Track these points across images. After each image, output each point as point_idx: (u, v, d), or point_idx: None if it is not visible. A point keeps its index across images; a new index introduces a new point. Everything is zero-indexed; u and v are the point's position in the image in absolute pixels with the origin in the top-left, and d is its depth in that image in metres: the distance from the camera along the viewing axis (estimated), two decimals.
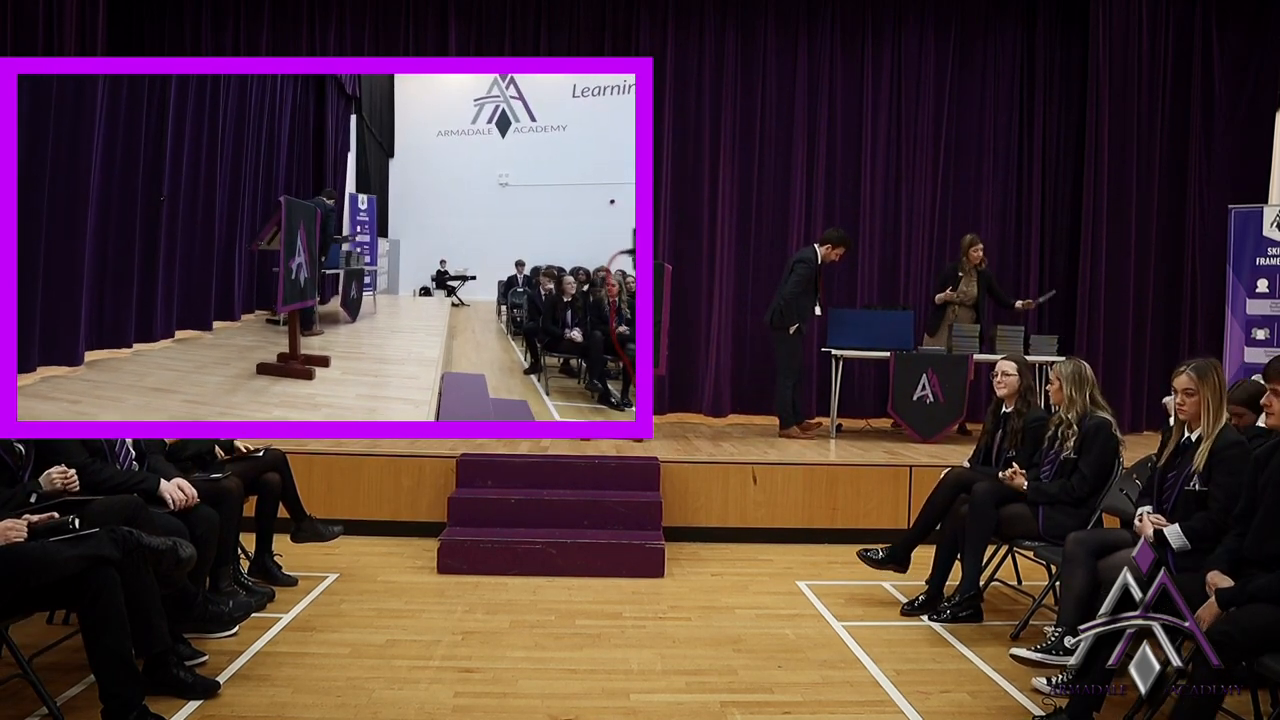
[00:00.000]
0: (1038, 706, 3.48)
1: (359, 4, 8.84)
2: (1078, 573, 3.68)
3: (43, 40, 7.38)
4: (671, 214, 8.92)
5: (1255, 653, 2.75)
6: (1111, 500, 4.26)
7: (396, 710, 3.38)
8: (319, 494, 5.74)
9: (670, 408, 8.78)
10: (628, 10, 8.87)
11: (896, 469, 6.08)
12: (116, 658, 3.04)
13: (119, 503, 3.47)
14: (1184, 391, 3.61)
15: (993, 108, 9.01)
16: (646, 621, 4.47)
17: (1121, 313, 8.45)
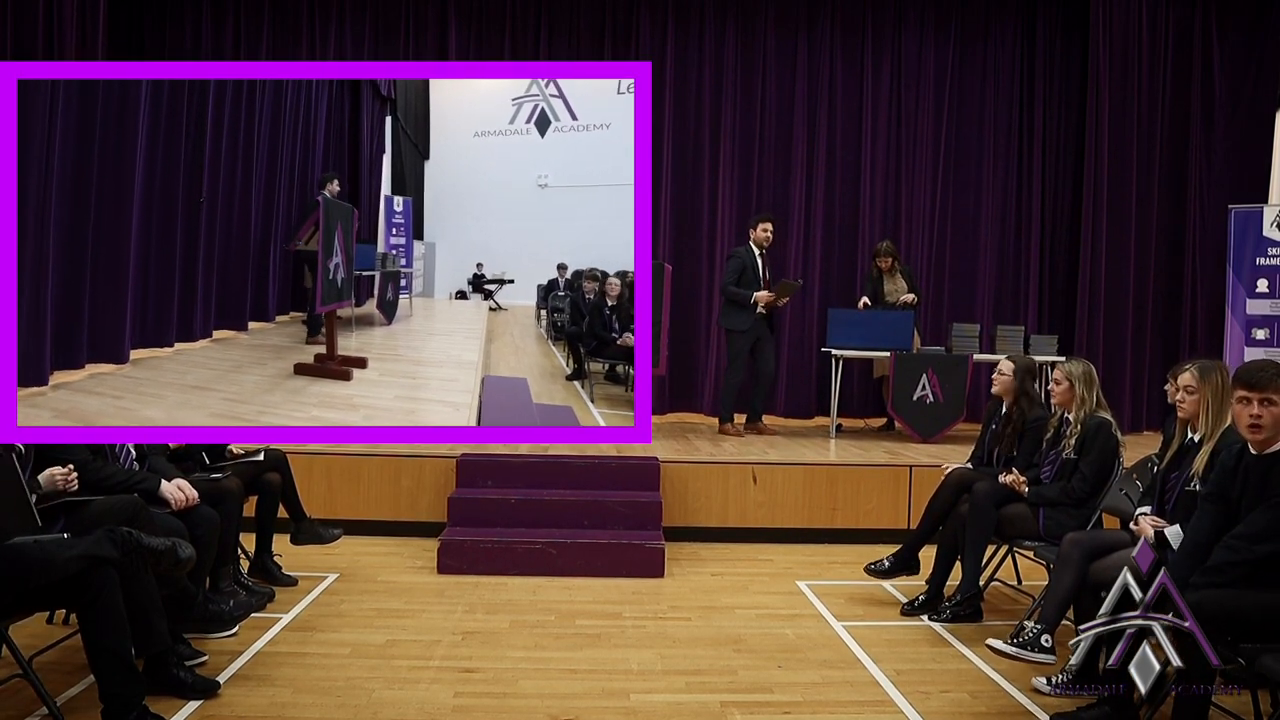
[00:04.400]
0: (1038, 706, 3.49)
1: (359, 5, 8.84)
2: (1068, 574, 3.69)
3: (43, 41, 7.38)
4: (671, 214, 8.92)
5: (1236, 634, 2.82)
6: (1111, 500, 4.26)
7: (396, 710, 3.38)
8: (319, 494, 5.75)
9: (670, 408, 8.78)
10: (628, 11, 8.87)
11: (896, 469, 6.08)
12: (116, 658, 3.04)
13: (119, 503, 3.47)
14: (1185, 389, 3.61)
15: (993, 108, 9.01)
16: (646, 621, 4.47)
17: (1121, 313, 8.45)
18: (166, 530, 3.50)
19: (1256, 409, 2.98)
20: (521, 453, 6.04)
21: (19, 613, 3.17)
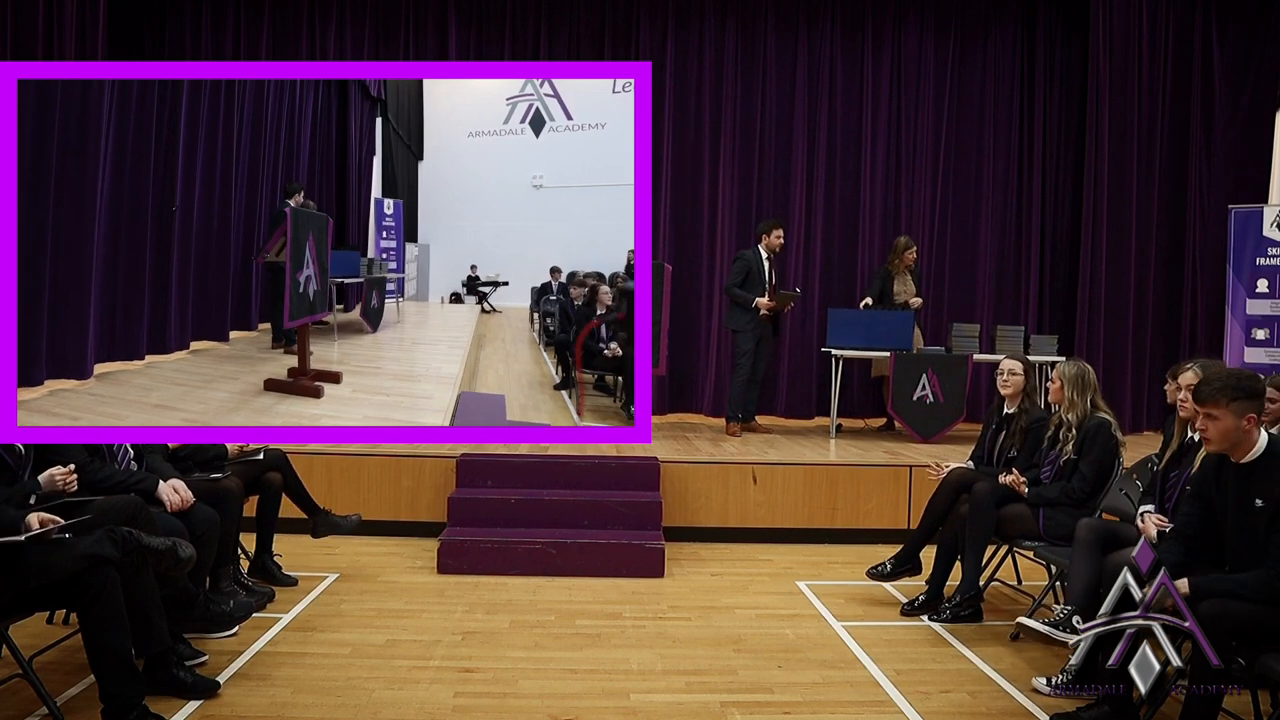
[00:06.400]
0: (1038, 706, 3.49)
1: (359, 6, 8.84)
2: (1087, 557, 3.70)
3: (42, 42, 7.37)
4: (671, 214, 8.92)
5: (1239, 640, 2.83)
6: (1111, 500, 4.27)
7: (396, 710, 3.38)
8: (319, 494, 5.70)
9: (670, 408, 8.78)
10: (627, 11, 8.87)
11: (896, 469, 6.08)
12: (116, 657, 3.04)
13: (119, 503, 3.47)
14: (1188, 388, 3.62)
15: (993, 108, 9.01)
16: (646, 621, 4.47)
17: (1121, 313, 8.45)
18: (167, 530, 3.50)
19: (1201, 421, 3.06)
20: (521, 453, 6.04)
21: (19, 613, 3.17)
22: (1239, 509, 3.02)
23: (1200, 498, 3.19)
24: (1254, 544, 2.96)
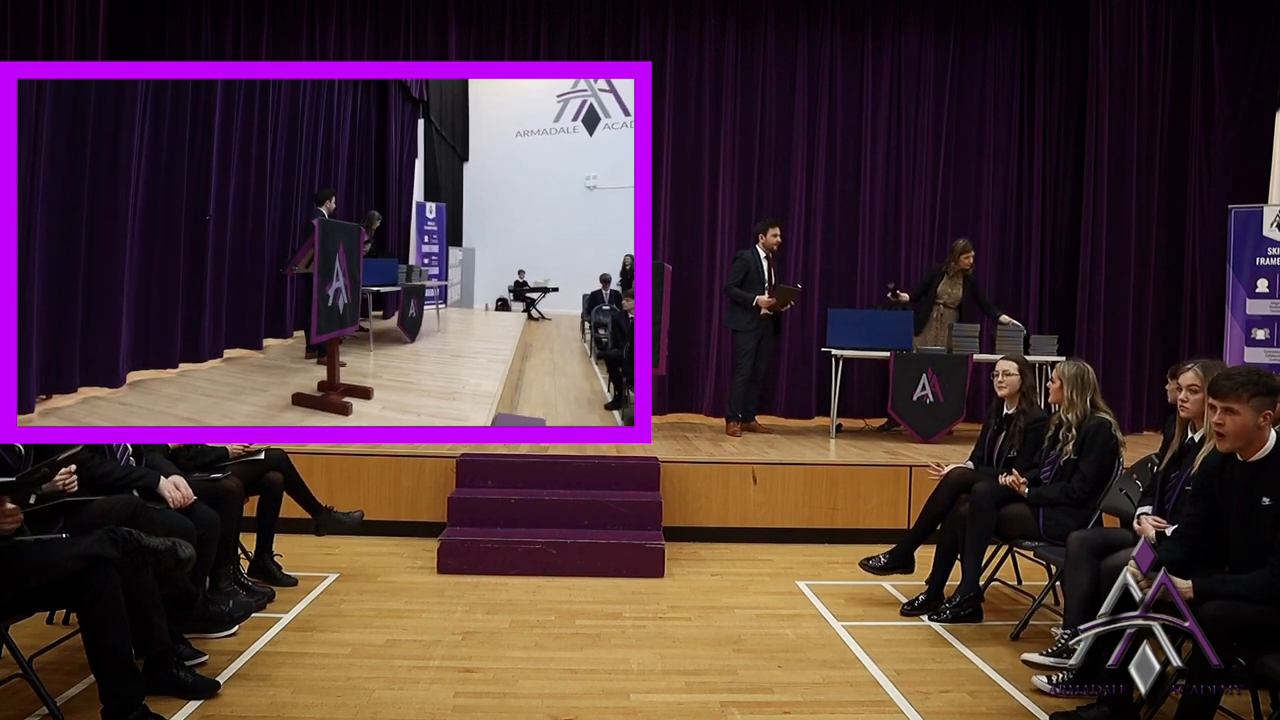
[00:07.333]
0: (1038, 706, 3.49)
1: (359, 6, 8.84)
2: (1082, 573, 3.68)
3: (43, 42, 7.37)
4: (671, 214, 8.92)
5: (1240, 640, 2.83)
6: (1111, 500, 4.26)
7: (396, 710, 3.38)
8: (319, 494, 5.67)
9: (670, 408, 8.78)
10: (627, 11, 8.87)
11: (896, 469, 6.08)
12: (116, 657, 3.04)
13: (119, 502, 3.47)
14: (1189, 388, 3.62)
15: (993, 108, 9.01)
16: (646, 621, 4.47)
17: (1121, 313, 8.45)
18: (167, 529, 3.50)
19: (1219, 416, 3.03)
20: (521, 453, 6.04)
21: (19, 613, 3.17)
22: (1244, 508, 3.02)
23: (1202, 497, 3.18)
24: (1258, 543, 2.95)
